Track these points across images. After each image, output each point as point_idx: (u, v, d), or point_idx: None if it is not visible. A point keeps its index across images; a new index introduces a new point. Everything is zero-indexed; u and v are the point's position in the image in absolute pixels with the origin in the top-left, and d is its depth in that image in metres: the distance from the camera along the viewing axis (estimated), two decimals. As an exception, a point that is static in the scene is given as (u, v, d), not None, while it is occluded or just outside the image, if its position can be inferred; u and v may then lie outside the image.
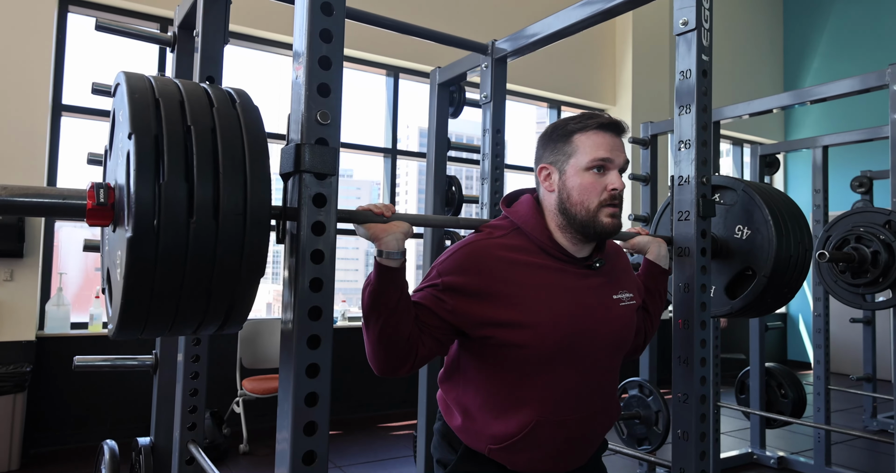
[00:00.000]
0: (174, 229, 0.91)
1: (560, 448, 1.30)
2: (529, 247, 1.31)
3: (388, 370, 1.23)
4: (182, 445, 1.86)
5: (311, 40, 1.08)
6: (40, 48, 3.91)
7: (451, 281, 1.25)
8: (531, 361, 1.25)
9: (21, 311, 3.79)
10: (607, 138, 1.28)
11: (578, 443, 1.34)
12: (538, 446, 1.28)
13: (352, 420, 4.81)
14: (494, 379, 1.29)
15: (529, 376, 1.26)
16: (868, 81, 2.94)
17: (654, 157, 4.00)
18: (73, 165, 4.17)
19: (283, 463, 1.07)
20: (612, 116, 1.32)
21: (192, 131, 0.95)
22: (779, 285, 1.88)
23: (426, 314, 1.24)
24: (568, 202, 1.29)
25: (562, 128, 1.32)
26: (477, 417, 1.31)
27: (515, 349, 1.24)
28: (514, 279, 1.26)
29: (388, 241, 1.17)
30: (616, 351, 1.37)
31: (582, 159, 1.27)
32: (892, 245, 2.72)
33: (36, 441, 3.84)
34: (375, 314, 1.17)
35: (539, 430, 1.26)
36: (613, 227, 1.28)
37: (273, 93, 5.20)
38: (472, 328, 1.25)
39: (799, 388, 4.09)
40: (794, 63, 8.36)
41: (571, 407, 1.29)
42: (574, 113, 1.42)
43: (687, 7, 1.58)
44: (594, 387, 1.33)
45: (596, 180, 1.27)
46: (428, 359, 1.26)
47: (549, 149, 1.33)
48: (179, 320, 1.00)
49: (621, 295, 1.38)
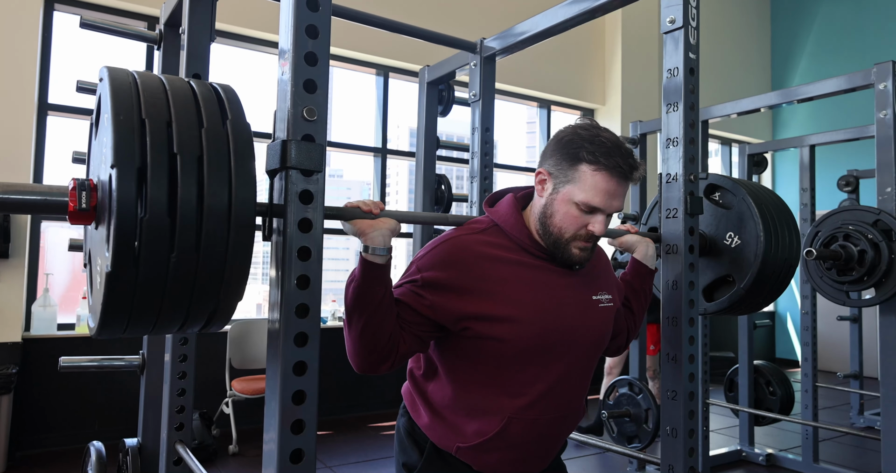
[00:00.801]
0: (157, 233, 0.90)
1: (530, 449, 1.30)
2: (509, 245, 1.30)
3: (369, 367, 1.22)
4: (169, 446, 1.85)
5: (297, 36, 1.08)
6: (26, 46, 3.87)
7: (431, 277, 1.24)
8: (508, 357, 1.24)
9: (7, 312, 3.75)
10: (611, 184, 1.22)
11: (547, 444, 1.34)
12: (508, 446, 1.27)
13: (342, 420, 4.79)
14: (469, 375, 1.28)
15: (505, 373, 1.26)
16: (854, 81, 2.96)
17: (643, 156, 4.01)
18: (58, 164, 4.14)
19: (270, 463, 1.06)
20: (630, 158, 1.23)
21: (174, 128, 0.93)
22: (755, 296, 1.90)
23: (406, 310, 1.23)
24: (549, 220, 1.28)
25: (576, 147, 1.23)
26: (447, 414, 1.30)
27: (493, 343, 1.23)
28: (494, 275, 1.25)
29: (374, 236, 1.16)
30: (593, 352, 1.36)
31: (577, 193, 1.23)
32: (879, 245, 2.74)
33: (22, 443, 3.80)
34: (358, 311, 1.16)
35: (511, 429, 1.26)
36: (580, 259, 1.28)
37: (259, 91, 5.17)
38: (452, 322, 1.24)
39: (787, 385, 4.12)
40: (782, 63, 8.43)
41: (545, 407, 1.28)
42: (564, 114, 1.39)
43: (674, 5, 1.59)
44: (568, 387, 1.32)
45: (580, 215, 1.25)
46: (408, 356, 1.26)
47: (555, 160, 1.27)
48: (163, 320, 0.99)
49: (600, 296, 1.38)
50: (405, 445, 1.38)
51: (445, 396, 1.30)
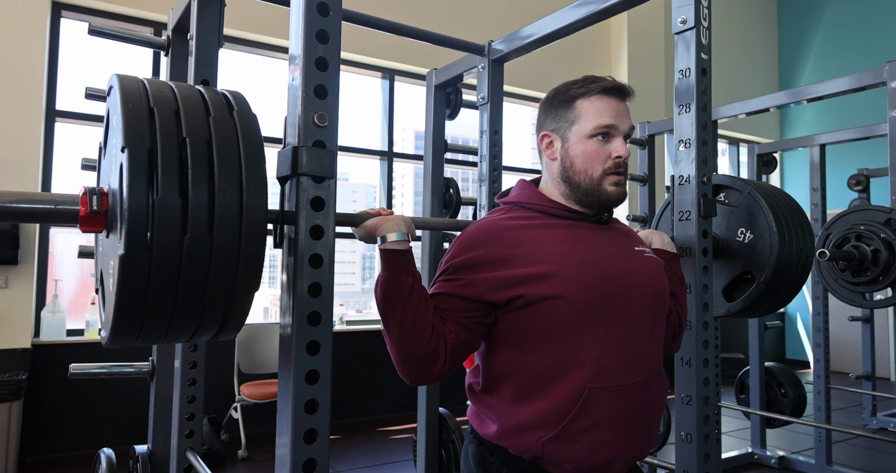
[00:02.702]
0: (168, 241, 0.89)
1: (621, 425, 1.15)
2: (533, 215, 1.27)
3: (422, 370, 1.14)
4: (180, 453, 1.84)
5: (308, 42, 1.07)
6: (34, 53, 3.89)
7: (461, 261, 1.19)
8: (568, 317, 1.15)
9: (16, 318, 3.76)
10: (612, 103, 1.23)
11: (639, 418, 1.19)
12: (598, 424, 1.13)
13: (351, 425, 4.78)
14: (532, 359, 1.17)
15: (569, 338, 1.15)
16: (864, 79, 2.93)
17: (651, 157, 3.99)
18: (67, 171, 4.15)
19: (283, 470, 1.05)
20: (616, 79, 1.25)
21: (188, 143, 0.93)
22: (777, 290, 1.87)
23: (444, 300, 1.17)
24: (571, 170, 1.24)
25: (564, 93, 1.26)
26: (518, 413, 1.17)
27: (549, 303, 1.14)
28: (527, 239, 1.20)
29: (387, 226, 1.15)
30: (656, 307, 1.25)
31: (585, 126, 1.22)
32: (892, 244, 2.71)
33: (32, 449, 3.81)
34: (392, 307, 1.12)
35: (594, 401, 1.13)
36: (618, 195, 1.24)
37: (268, 96, 5.18)
38: (496, 291, 1.15)
39: (799, 387, 4.08)
40: (789, 62, 8.38)
41: (623, 370, 1.16)
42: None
43: (685, 5, 1.57)
44: (641, 347, 1.20)
45: (600, 147, 1.22)
46: (459, 350, 1.16)
47: (552, 115, 1.27)
48: (174, 329, 0.98)
49: (643, 248, 1.32)
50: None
51: (516, 395, 1.18)
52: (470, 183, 6.84)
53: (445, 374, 1.17)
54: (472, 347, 1.20)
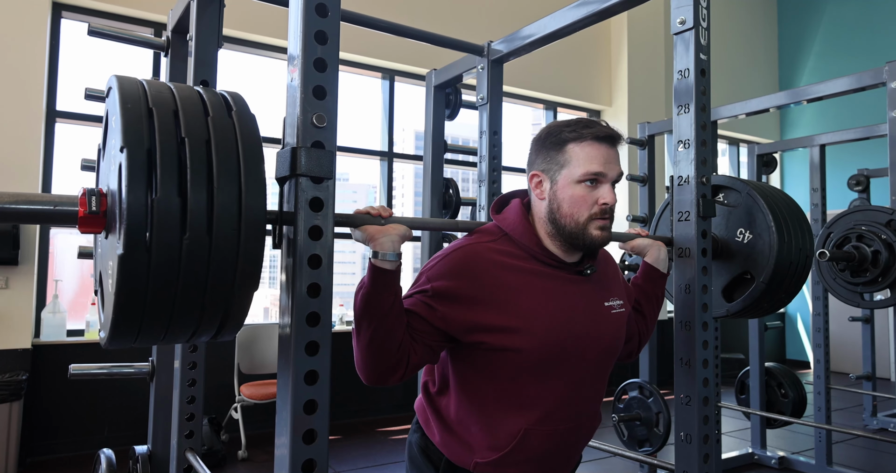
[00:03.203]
0: (167, 241, 0.89)
1: (549, 460, 1.28)
2: (519, 253, 1.29)
3: (378, 379, 1.19)
4: (179, 453, 1.84)
5: (306, 42, 1.07)
6: (34, 54, 3.89)
7: (441, 287, 1.22)
8: (523, 367, 1.23)
9: (17, 319, 3.76)
10: (602, 151, 1.25)
11: (567, 453, 1.32)
12: (527, 459, 1.25)
13: (350, 425, 4.79)
14: (484, 389, 1.25)
15: (520, 383, 1.24)
16: (864, 80, 2.93)
17: (651, 157, 3.99)
18: (67, 171, 4.15)
19: (282, 471, 1.05)
20: (609, 126, 1.28)
21: (186, 143, 0.93)
22: (776, 290, 1.87)
23: (417, 320, 1.21)
24: (558, 213, 1.26)
25: (555, 135, 1.28)
26: (462, 430, 1.27)
27: (507, 354, 1.21)
28: (505, 284, 1.23)
29: (383, 242, 1.15)
30: (607, 358, 1.35)
31: (574, 171, 1.24)
32: (893, 245, 2.71)
33: (32, 449, 3.81)
34: (368, 319, 1.14)
35: (529, 440, 1.23)
36: (602, 240, 1.27)
37: (267, 96, 5.18)
38: (463, 333, 1.22)
39: (799, 388, 4.08)
40: (789, 62, 8.38)
41: (562, 416, 1.27)
42: (570, 116, 1.39)
43: (684, 6, 1.57)
44: (584, 395, 1.31)
45: (587, 193, 1.24)
46: (419, 367, 1.23)
47: (542, 156, 1.30)
48: (173, 329, 0.98)
49: (612, 302, 1.36)
50: (419, 462, 1.35)
51: (461, 411, 1.28)
52: (470, 183, 6.85)
53: (399, 382, 1.23)
54: (431, 363, 1.28)
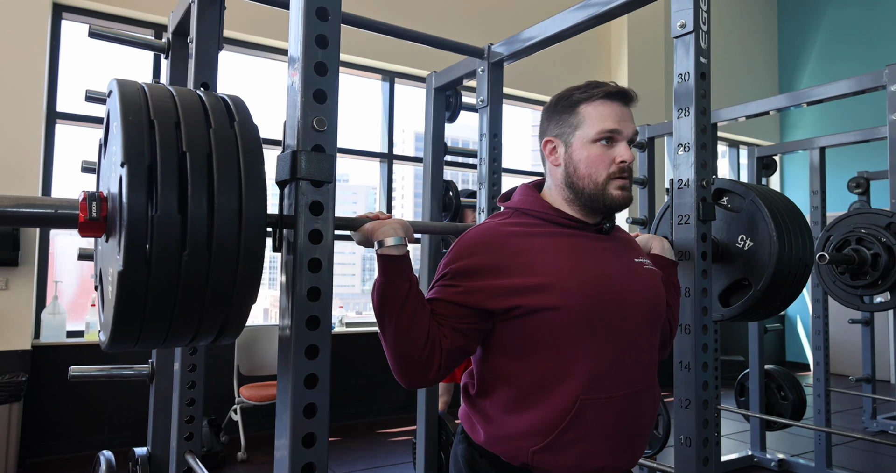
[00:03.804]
0: (166, 257, 0.90)
1: (611, 436, 1.16)
2: (536, 222, 1.26)
3: (416, 375, 1.14)
4: (179, 455, 1.84)
5: (307, 46, 1.07)
6: (34, 55, 3.89)
7: (460, 266, 1.18)
8: (564, 328, 1.15)
9: (16, 320, 3.76)
10: (615, 108, 1.22)
11: (629, 429, 1.20)
12: (588, 434, 1.14)
13: (350, 427, 4.78)
14: (527, 368, 1.17)
15: (564, 349, 1.15)
16: (864, 83, 2.93)
17: (651, 160, 3.99)
18: (67, 173, 4.15)
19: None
20: (619, 85, 1.25)
21: (188, 158, 0.93)
22: (773, 298, 1.87)
23: (441, 305, 1.17)
24: (575, 176, 1.23)
25: (567, 98, 1.25)
26: (512, 421, 1.17)
27: (545, 315, 1.14)
28: (526, 248, 1.19)
29: (384, 230, 1.14)
30: (652, 319, 1.26)
31: (589, 131, 1.21)
32: (892, 248, 2.71)
33: (32, 450, 3.81)
34: (388, 312, 1.12)
35: (586, 412, 1.14)
36: (623, 199, 1.23)
37: (268, 98, 5.18)
38: (493, 300, 1.15)
39: (799, 390, 4.08)
40: (789, 65, 8.39)
41: (615, 382, 1.17)
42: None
43: (684, 9, 1.57)
44: (635, 359, 1.21)
45: (604, 152, 1.21)
46: (454, 356, 1.16)
47: (555, 121, 1.27)
48: (172, 337, 0.98)
49: (642, 260, 1.31)
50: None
51: (507, 403, 1.18)
52: (470, 185, 6.85)
53: (441, 378, 1.17)
54: (467, 352, 1.20)
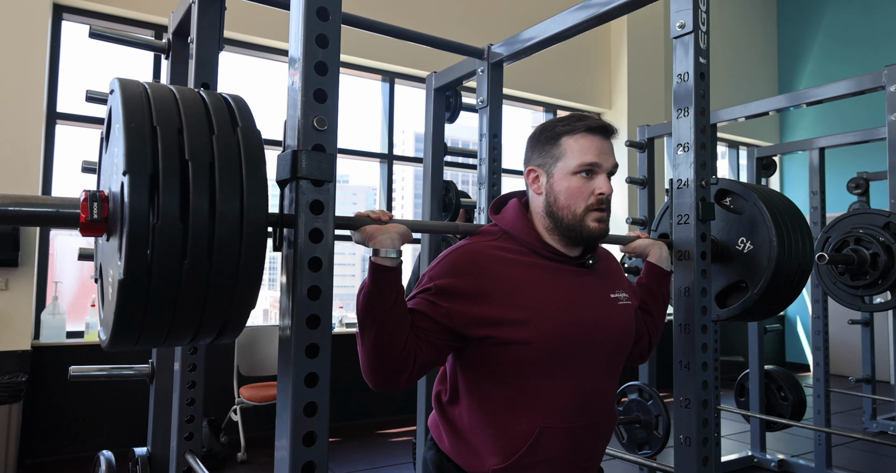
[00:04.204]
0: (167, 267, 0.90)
1: (567, 462, 1.25)
2: (520, 249, 1.29)
3: (386, 381, 1.19)
4: (179, 455, 1.84)
5: (308, 46, 1.07)
6: (35, 56, 3.89)
7: (444, 284, 1.22)
8: (533, 361, 1.21)
9: (16, 320, 3.76)
10: (595, 142, 1.26)
11: (585, 454, 1.29)
12: (546, 459, 1.22)
13: (350, 427, 4.78)
14: (494, 388, 1.24)
15: (530, 379, 1.22)
16: (863, 83, 2.94)
17: (650, 160, 3.99)
18: (67, 173, 4.15)
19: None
20: (601, 119, 1.29)
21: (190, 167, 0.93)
22: (770, 302, 1.88)
23: (421, 319, 1.21)
24: (555, 206, 1.27)
25: (549, 130, 1.30)
26: (476, 437, 1.26)
27: (516, 348, 1.20)
28: (509, 278, 1.23)
29: (382, 239, 1.15)
30: (618, 352, 1.33)
31: (570, 163, 1.25)
32: (891, 247, 2.71)
33: (31, 451, 3.81)
34: (370, 318, 1.14)
35: (545, 439, 1.22)
36: (600, 231, 1.27)
37: (268, 98, 5.18)
38: (470, 328, 1.21)
39: (798, 390, 4.08)
40: (789, 65, 8.39)
41: (576, 412, 1.24)
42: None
43: (684, 10, 1.57)
44: (597, 391, 1.28)
45: (583, 184, 1.25)
46: (426, 368, 1.22)
47: (538, 151, 1.31)
48: (171, 338, 0.99)
49: (618, 294, 1.35)
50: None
51: (472, 417, 1.26)
52: (470, 186, 6.86)
53: (408, 385, 1.22)
54: (438, 364, 1.27)
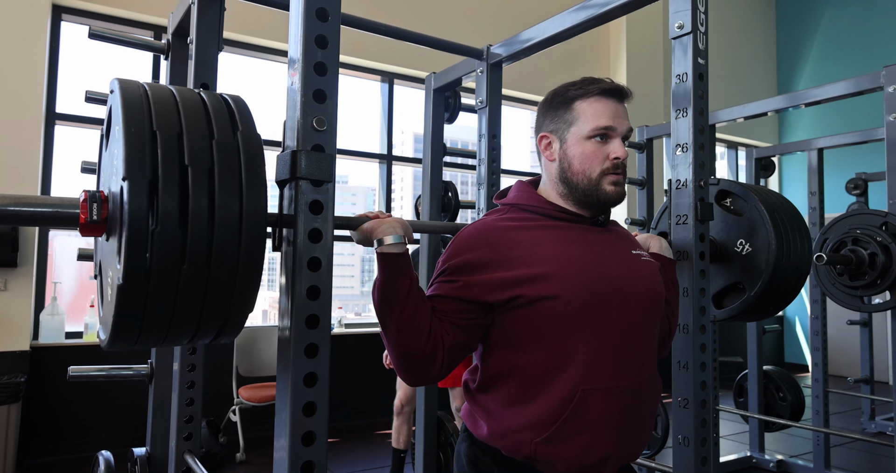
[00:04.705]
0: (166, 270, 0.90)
1: (613, 426, 1.16)
2: (531, 216, 1.27)
3: (420, 373, 1.15)
4: (178, 455, 1.84)
5: (307, 46, 1.07)
6: (34, 56, 3.89)
7: (458, 262, 1.19)
8: (564, 318, 1.15)
9: (15, 321, 3.76)
10: (610, 105, 1.24)
11: (631, 420, 1.20)
12: (590, 425, 1.14)
13: (349, 428, 4.78)
14: (528, 359, 1.18)
15: (564, 339, 1.16)
16: (862, 84, 2.94)
17: (649, 161, 4.00)
18: (66, 174, 4.15)
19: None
20: (614, 81, 1.26)
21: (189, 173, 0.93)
22: (767, 304, 1.89)
23: (441, 301, 1.18)
24: (569, 171, 1.25)
25: (562, 94, 1.27)
26: (513, 414, 1.18)
27: (546, 304, 1.15)
28: (523, 241, 1.20)
29: (383, 229, 1.15)
30: (651, 308, 1.26)
31: (583, 127, 1.23)
32: (888, 247, 2.72)
33: (30, 451, 3.80)
34: (389, 310, 1.12)
35: (588, 402, 1.14)
36: (617, 195, 1.24)
37: (267, 98, 5.19)
38: (493, 293, 1.16)
39: (797, 391, 4.09)
40: (787, 66, 8.40)
41: (617, 372, 1.17)
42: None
43: (682, 11, 1.58)
44: (636, 350, 1.22)
45: (598, 148, 1.23)
46: (457, 352, 1.17)
47: (550, 116, 1.28)
48: (173, 332, 0.99)
49: (640, 252, 1.32)
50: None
51: (509, 396, 1.19)
52: (469, 186, 6.86)
53: (444, 374, 1.18)
54: (469, 348, 1.21)
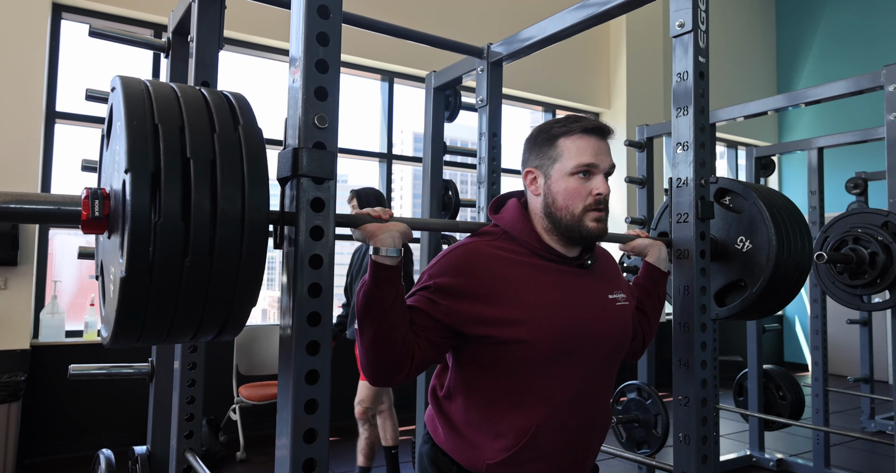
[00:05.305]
0: (169, 263, 0.90)
1: (562, 459, 1.27)
2: (520, 249, 1.31)
3: (384, 377, 1.19)
4: (179, 454, 1.84)
5: (308, 44, 1.07)
6: (34, 55, 3.89)
7: (443, 283, 1.23)
8: (529, 361, 1.23)
9: (15, 319, 3.76)
10: (592, 142, 1.27)
11: (579, 453, 1.31)
12: (539, 457, 1.24)
13: (349, 427, 4.77)
14: (491, 385, 1.26)
15: (528, 378, 1.24)
16: (862, 83, 2.94)
17: (649, 159, 4.00)
18: (67, 172, 4.15)
19: (282, 471, 1.05)
20: (597, 120, 1.31)
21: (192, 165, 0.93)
22: (768, 301, 1.89)
23: (420, 316, 1.22)
24: (553, 207, 1.28)
25: (546, 132, 1.31)
26: (472, 432, 1.27)
27: (514, 347, 1.21)
28: (508, 278, 1.24)
29: (383, 238, 1.16)
30: (614, 353, 1.34)
31: (567, 164, 1.27)
32: (889, 246, 2.72)
33: (31, 450, 3.81)
34: (370, 316, 1.15)
35: (540, 437, 1.23)
36: (599, 231, 1.28)
37: (268, 98, 5.18)
38: (468, 326, 1.22)
39: (797, 390, 4.09)
40: (787, 65, 8.40)
41: (571, 412, 1.26)
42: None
43: (683, 9, 1.58)
44: (593, 391, 1.30)
45: (581, 184, 1.26)
46: (425, 365, 1.23)
47: (535, 153, 1.33)
48: (176, 328, 0.99)
49: (616, 295, 1.37)
50: (429, 471, 1.35)
51: (469, 412, 1.28)
52: (469, 185, 6.86)
53: (407, 382, 1.23)
54: (436, 361, 1.28)
